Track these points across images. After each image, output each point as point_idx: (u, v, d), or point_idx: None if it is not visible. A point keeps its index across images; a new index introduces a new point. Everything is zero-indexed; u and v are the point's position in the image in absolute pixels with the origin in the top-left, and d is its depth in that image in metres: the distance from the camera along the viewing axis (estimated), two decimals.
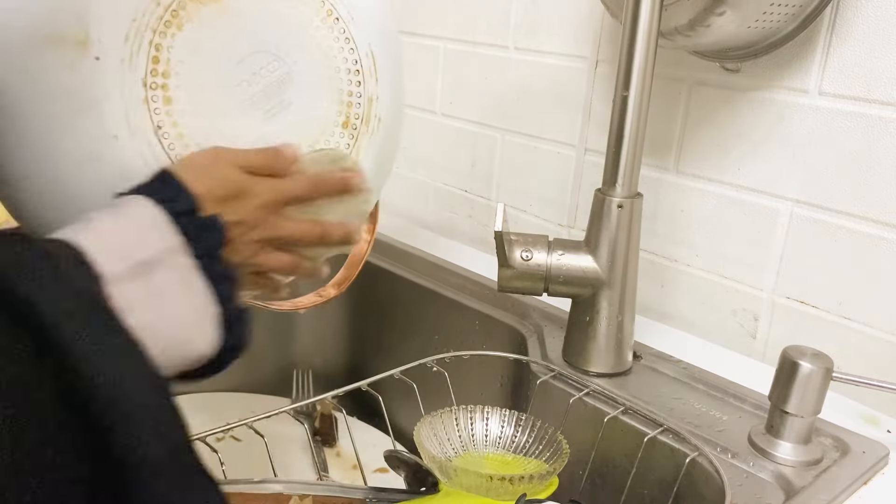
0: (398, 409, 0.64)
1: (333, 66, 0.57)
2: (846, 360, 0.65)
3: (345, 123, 0.58)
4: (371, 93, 0.59)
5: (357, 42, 0.58)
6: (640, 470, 0.59)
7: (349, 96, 0.58)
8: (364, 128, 0.58)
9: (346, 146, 0.58)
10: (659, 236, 0.78)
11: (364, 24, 0.58)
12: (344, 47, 0.57)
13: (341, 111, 0.57)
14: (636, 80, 0.59)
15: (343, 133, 0.57)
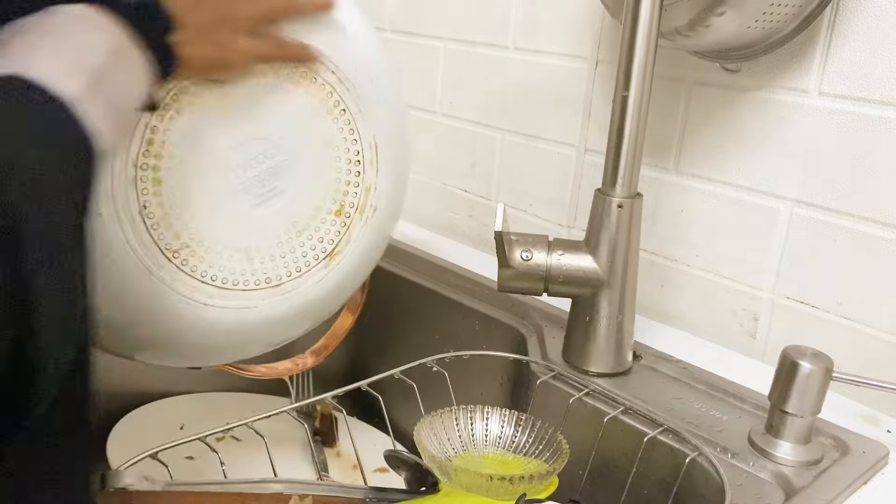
0: (398, 409, 0.64)
1: (334, 156, 0.57)
2: (846, 360, 0.65)
3: (338, 212, 0.58)
4: (369, 182, 0.59)
5: (361, 133, 0.58)
6: (640, 470, 0.59)
7: (346, 185, 0.58)
8: (358, 216, 0.59)
9: (337, 233, 0.58)
10: (659, 236, 0.78)
11: (371, 115, 0.58)
12: (347, 138, 0.57)
13: (336, 199, 0.58)
14: (636, 80, 0.59)
15: (335, 220, 0.58)
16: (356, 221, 0.58)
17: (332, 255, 0.58)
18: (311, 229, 0.57)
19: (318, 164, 0.56)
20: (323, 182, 0.57)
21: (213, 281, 0.53)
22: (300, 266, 0.56)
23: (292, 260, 0.56)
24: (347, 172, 0.58)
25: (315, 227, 0.57)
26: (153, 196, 0.50)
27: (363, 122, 0.58)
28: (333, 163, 0.57)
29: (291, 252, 0.56)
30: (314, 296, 0.57)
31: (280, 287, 0.56)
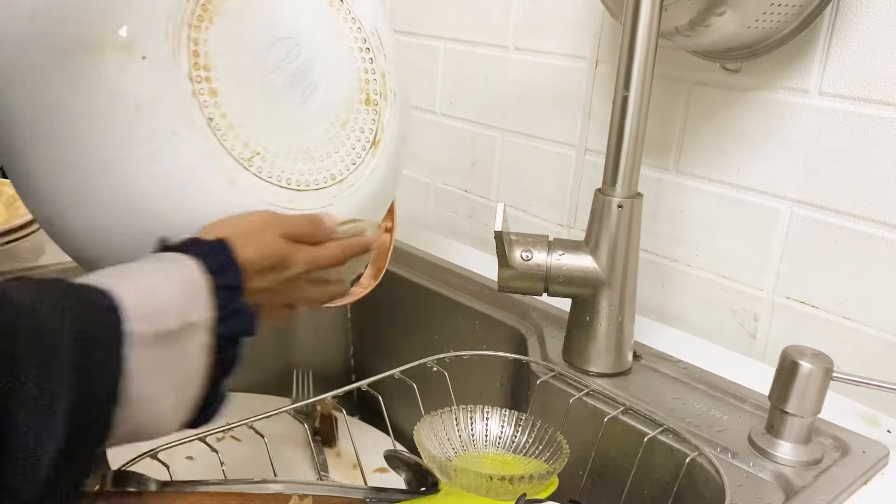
0: (398, 409, 0.64)
1: (347, 47, 0.58)
2: (846, 360, 0.65)
3: (366, 100, 0.59)
4: (383, 68, 0.60)
5: (363, 22, 0.59)
6: (640, 470, 0.59)
7: (365, 73, 0.59)
8: (384, 102, 0.60)
9: (373, 122, 0.59)
10: (659, 236, 0.78)
11: (363, 4, 0.60)
12: (352, 27, 0.59)
13: (362, 88, 0.58)
14: (636, 80, 0.59)
15: (367, 110, 0.59)
16: (383, 108, 0.60)
17: (375, 143, 0.59)
18: (351, 121, 0.58)
19: (335, 55, 0.57)
20: (345, 73, 0.58)
21: (289, 184, 0.53)
22: (354, 158, 0.57)
23: (346, 154, 0.57)
24: (363, 61, 0.59)
25: (353, 118, 0.58)
26: (214, 108, 0.50)
27: (360, 10, 0.59)
28: (347, 53, 0.58)
29: (343, 146, 0.57)
30: (373, 185, 0.58)
31: (344, 182, 0.56)
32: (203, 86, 0.49)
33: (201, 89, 0.49)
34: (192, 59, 0.49)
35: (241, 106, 0.51)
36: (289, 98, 0.54)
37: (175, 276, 0.41)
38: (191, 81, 0.49)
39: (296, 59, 0.55)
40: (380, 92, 0.59)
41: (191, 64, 0.49)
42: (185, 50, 0.49)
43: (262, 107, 0.53)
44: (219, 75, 0.50)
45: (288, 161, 0.53)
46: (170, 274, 0.41)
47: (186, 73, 0.49)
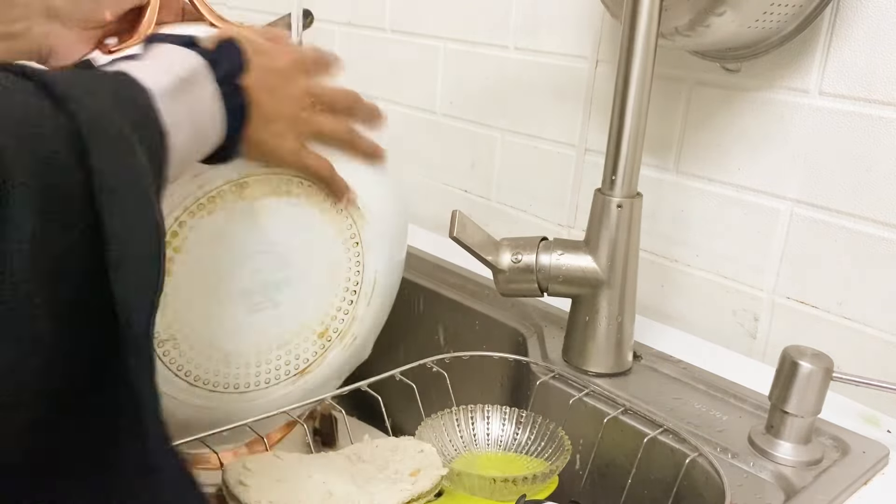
0: (398, 409, 0.64)
1: (335, 283, 0.58)
2: (846, 360, 0.65)
3: (321, 334, 0.59)
4: (358, 312, 0.60)
5: (366, 267, 0.60)
6: (640, 470, 0.59)
7: (336, 311, 0.60)
8: (338, 341, 0.60)
9: (314, 353, 0.59)
10: (659, 236, 0.78)
11: (379, 250, 0.61)
12: (352, 268, 0.59)
13: (324, 322, 0.59)
14: (636, 80, 0.59)
15: (316, 341, 0.59)
16: (335, 346, 0.60)
17: (303, 373, 0.59)
18: (291, 345, 0.58)
19: (318, 286, 0.58)
20: (317, 304, 0.58)
21: (187, 377, 0.54)
22: (270, 378, 0.57)
23: (265, 371, 0.57)
24: (342, 300, 0.59)
25: (296, 343, 0.58)
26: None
27: (371, 256, 0.60)
28: (332, 289, 0.59)
29: (266, 363, 0.57)
30: (274, 407, 0.57)
31: (245, 395, 0.57)
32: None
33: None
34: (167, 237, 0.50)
35: (190, 292, 0.52)
36: (241, 303, 0.54)
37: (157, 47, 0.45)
38: None
39: (272, 273, 0.55)
40: (340, 331, 0.60)
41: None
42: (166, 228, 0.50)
43: (210, 301, 0.53)
44: (185, 259, 0.51)
45: (201, 356, 0.53)
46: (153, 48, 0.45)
47: None
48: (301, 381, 0.59)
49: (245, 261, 0.54)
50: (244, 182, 0.53)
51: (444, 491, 0.54)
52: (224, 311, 0.54)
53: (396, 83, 1.04)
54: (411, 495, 0.49)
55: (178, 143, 0.40)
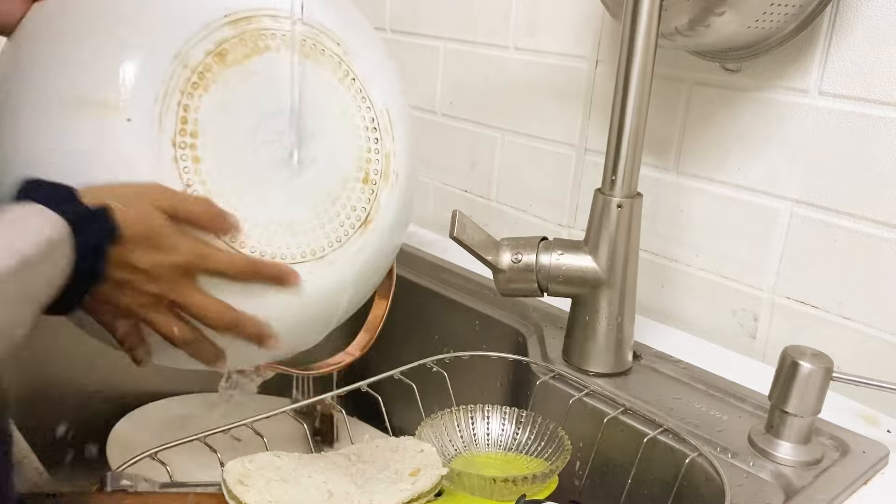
0: (398, 409, 0.64)
1: (352, 125, 0.58)
2: (846, 360, 0.65)
3: (364, 179, 0.59)
4: (388, 149, 0.60)
5: (373, 101, 0.59)
6: (640, 470, 0.59)
7: (368, 153, 0.59)
8: (383, 183, 0.59)
9: (367, 201, 0.59)
10: (659, 236, 0.78)
11: (378, 84, 0.60)
12: (361, 106, 0.59)
13: (361, 167, 0.58)
14: (636, 80, 0.59)
15: (363, 188, 0.59)
16: (382, 188, 0.59)
17: (367, 222, 0.58)
18: (343, 198, 0.57)
19: (339, 132, 0.58)
20: (346, 150, 0.58)
21: (262, 256, 0.53)
22: (339, 236, 0.57)
23: (332, 230, 0.57)
24: (367, 140, 0.59)
25: (347, 195, 0.57)
26: (195, 174, 0.50)
27: (372, 90, 0.59)
28: (353, 131, 0.58)
29: (330, 222, 0.57)
30: (357, 265, 0.58)
31: (325, 258, 0.56)
32: (186, 152, 0.50)
33: (184, 155, 0.50)
34: (178, 125, 0.50)
35: (226, 175, 0.52)
36: (279, 170, 0.54)
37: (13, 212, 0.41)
38: (174, 146, 0.50)
39: (293, 133, 0.55)
40: (381, 172, 0.59)
41: (177, 129, 0.50)
42: (174, 115, 0.50)
43: (248, 177, 0.53)
44: (205, 142, 0.51)
45: (266, 233, 0.53)
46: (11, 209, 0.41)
47: (170, 138, 0.50)
48: (369, 231, 0.58)
49: (264, 125, 0.54)
50: (222, 50, 0.52)
51: (444, 491, 0.54)
52: (269, 183, 0.54)
53: None
54: (411, 495, 0.49)
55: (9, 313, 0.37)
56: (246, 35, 0.53)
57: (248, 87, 0.53)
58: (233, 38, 0.53)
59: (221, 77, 0.52)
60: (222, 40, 0.52)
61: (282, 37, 0.55)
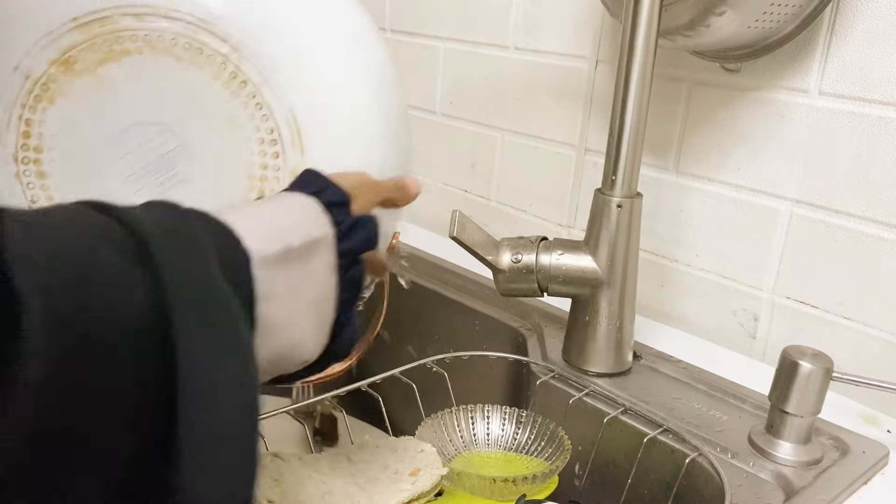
0: (398, 409, 0.64)
1: (242, 137, 0.50)
2: (846, 360, 0.65)
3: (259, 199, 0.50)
4: (295, 164, 0.51)
5: (272, 107, 0.50)
6: (640, 470, 0.59)
7: (263, 169, 0.51)
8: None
9: None
10: (659, 236, 0.78)
11: (285, 86, 0.50)
12: (255, 115, 0.50)
13: (253, 186, 0.51)
14: (636, 80, 0.59)
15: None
16: None
17: None
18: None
19: (223, 146, 0.50)
20: (234, 167, 0.50)
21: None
22: None
23: None
24: (262, 154, 0.51)
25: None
26: (41, 189, 0.48)
27: (273, 94, 0.50)
28: (243, 144, 0.50)
29: None
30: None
31: None
32: (30, 167, 0.48)
33: (27, 171, 0.48)
34: (20, 140, 0.48)
35: (78, 191, 0.48)
36: (145, 188, 0.49)
37: (286, 201, 0.39)
38: (15, 162, 0.47)
39: (161, 146, 0.49)
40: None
41: (18, 145, 0.48)
42: (15, 130, 0.47)
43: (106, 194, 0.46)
44: (52, 157, 0.48)
45: None
46: (280, 201, 0.39)
47: (11, 154, 0.47)
48: None
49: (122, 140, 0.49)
50: (68, 58, 0.47)
51: (444, 491, 0.54)
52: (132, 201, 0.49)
53: None
54: (411, 495, 0.49)
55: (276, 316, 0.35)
56: (98, 39, 0.48)
57: (101, 97, 0.49)
58: (82, 43, 0.47)
59: (69, 88, 0.48)
60: (69, 47, 0.47)
61: (144, 37, 0.48)
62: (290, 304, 0.36)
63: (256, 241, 0.34)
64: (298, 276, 0.37)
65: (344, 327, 0.41)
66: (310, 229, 0.38)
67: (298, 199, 0.39)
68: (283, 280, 0.35)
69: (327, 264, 0.39)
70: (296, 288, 0.36)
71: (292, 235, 0.36)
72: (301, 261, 0.37)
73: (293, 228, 0.37)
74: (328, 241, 0.39)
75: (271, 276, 0.34)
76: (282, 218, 0.37)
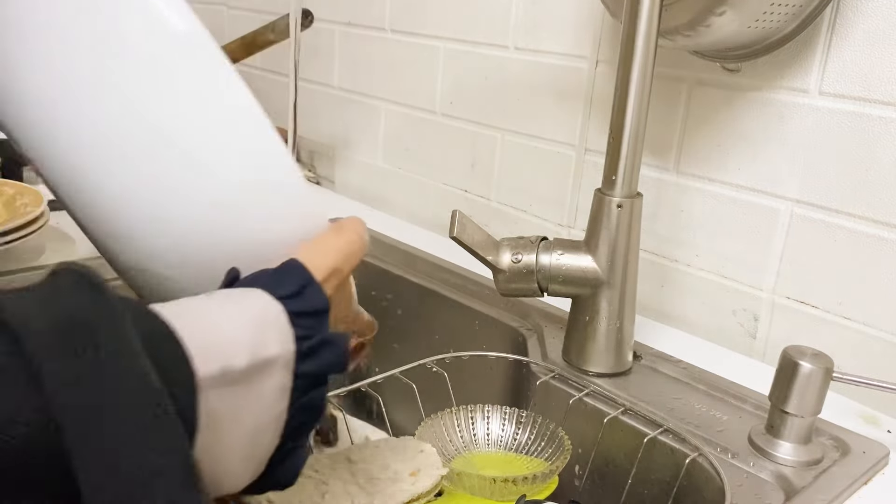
0: (398, 409, 0.64)
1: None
2: (846, 360, 0.65)
3: None
4: None
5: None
6: (640, 470, 0.59)
7: None
8: None
9: None
10: (659, 236, 0.78)
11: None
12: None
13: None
14: (636, 80, 0.59)
15: None
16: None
17: None
18: None
19: None
20: None
21: None
22: None
23: None
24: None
25: None
26: None
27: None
28: None
29: None
30: None
31: None
32: None
33: None
34: None
35: None
36: None
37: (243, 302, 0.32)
38: None
39: None
40: None
41: None
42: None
43: None
44: None
45: None
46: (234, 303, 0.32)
47: None
48: None
49: None
50: None
51: (444, 491, 0.54)
52: None
53: (396, 83, 1.04)
54: (411, 495, 0.49)
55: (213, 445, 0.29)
56: None
57: None
58: None
59: None
60: None
61: None
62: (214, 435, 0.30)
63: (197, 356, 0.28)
64: (234, 405, 0.30)
65: (287, 457, 0.34)
66: (263, 347, 0.31)
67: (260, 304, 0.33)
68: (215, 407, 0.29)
69: (279, 388, 0.32)
70: (228, 418, 0.30)
71: (237, 354, 0.30)
72: (243, 384, 0.30)
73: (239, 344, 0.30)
74: (285, 360, 0.32)
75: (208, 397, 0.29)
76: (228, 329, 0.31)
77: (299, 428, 0.34)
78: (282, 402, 0.33)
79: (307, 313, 0.34)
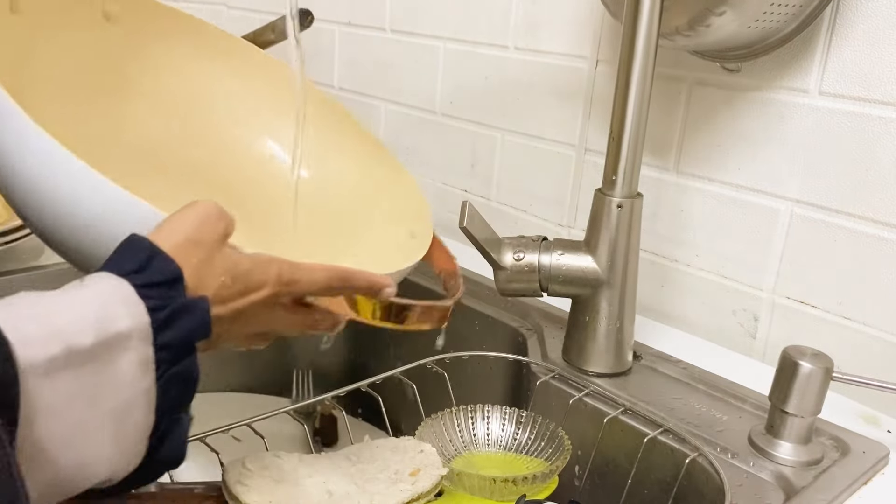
0: (398, 409, 0.64)
1: None
2: (846, 360, 0.65)
3: None
4: None
5: None
6: (640, 470, 0.59)
7: None
8: None
9: None
10: (659, 236, 0.78)
11: None
12: None
13: None
14: (636, 80, 0.59)
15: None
16: None
17: None
18: None
19: None
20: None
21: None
22: None
23: None
24: None
25: None
26: None
27: None
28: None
29: None
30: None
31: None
32: None
33: None
34: None
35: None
36: None
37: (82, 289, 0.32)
38: None
39: None
40: None
41: None
42: None
43: None
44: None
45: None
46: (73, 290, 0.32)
47: None
48: None
49: None
50: None
51: (444, 491, 0.54)
52: None
53: (396, 83, 1.04)
54: (411, 495, 0.49)
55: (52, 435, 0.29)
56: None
57: None
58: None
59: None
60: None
61: None
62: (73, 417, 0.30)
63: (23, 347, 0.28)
64: (90, 383, 0.30)
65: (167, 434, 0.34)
66: (110, 322, 0.31)
67: (101, 285, 0.33)
68: (62, 390, 0.29)
69: (139, 361, 0.32)
70: (85, 396, 0.30)
71: (81, 331, 0.30)
72: (95, 362, 0.30)
73: (82, 322, 0.31)
74: (141, 333, 0.32)
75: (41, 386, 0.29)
76: (66, 312, 0.31)
77: (175, 400, 0.34)
78: (147, 377, 0.33)
79: (156, 284, 0.34)
